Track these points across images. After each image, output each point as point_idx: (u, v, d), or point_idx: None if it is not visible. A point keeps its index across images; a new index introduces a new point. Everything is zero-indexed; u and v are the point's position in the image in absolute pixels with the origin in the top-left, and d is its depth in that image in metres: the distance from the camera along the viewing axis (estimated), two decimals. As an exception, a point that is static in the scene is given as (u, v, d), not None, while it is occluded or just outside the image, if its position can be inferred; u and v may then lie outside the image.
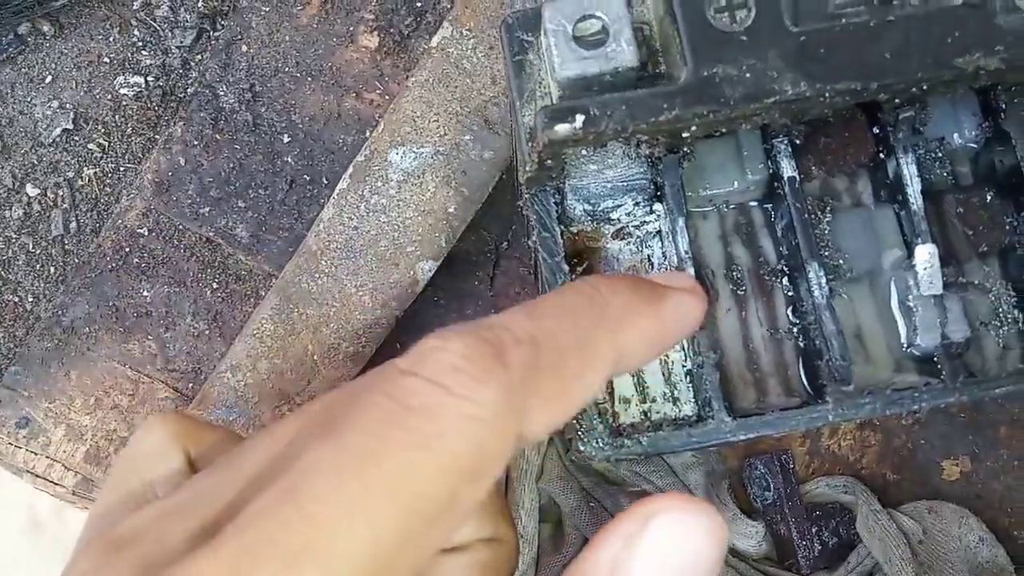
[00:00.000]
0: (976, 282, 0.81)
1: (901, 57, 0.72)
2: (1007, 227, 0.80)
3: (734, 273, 0.83)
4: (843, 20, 0.73)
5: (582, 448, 0.77)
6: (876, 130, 0.81)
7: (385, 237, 1.05)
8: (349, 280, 1.04)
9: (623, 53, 0.72)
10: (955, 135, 0.82)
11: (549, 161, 0.75)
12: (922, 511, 1.03)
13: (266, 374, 1.03)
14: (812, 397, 0.80)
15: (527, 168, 0.77)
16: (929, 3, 0.73)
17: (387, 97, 1.15)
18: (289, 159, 1.12)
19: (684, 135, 0.75)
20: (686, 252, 0.78)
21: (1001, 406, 1.09)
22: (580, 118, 0.72)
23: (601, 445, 0.77)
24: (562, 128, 0.72)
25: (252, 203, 1.11)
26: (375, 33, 1.16)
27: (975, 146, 0.83)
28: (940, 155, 0.83)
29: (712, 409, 0.77)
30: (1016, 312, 0.81)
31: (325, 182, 1.10)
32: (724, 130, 0.75)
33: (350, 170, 1.05)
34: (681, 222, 0.78)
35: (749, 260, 0.84)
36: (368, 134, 1.14)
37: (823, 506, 1.07)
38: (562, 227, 0.82)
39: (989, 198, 0.81)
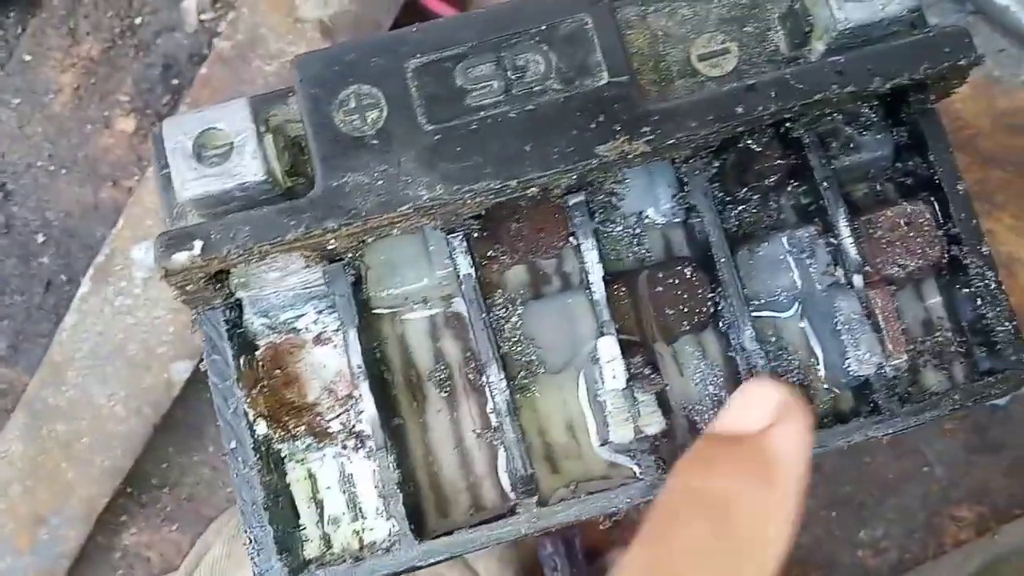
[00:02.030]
0: (672, 368, 0.76)
1: (543, 149, 0.67)
2: (708, 302, 0.75)
3: (439, 374, 0.78)
4: (481, 113, 0.68)
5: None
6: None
7: (134, 340, 1.00)
8: (99, 390, 0.99)
9: (247, 168, 0.67)
10: (651, 210, 0.77)
11: (189, 287, 0.70)
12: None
13: (19, 498, 0.98)
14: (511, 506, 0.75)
15: (173, 294, 0.72)
16: (573, 86, 0.68)
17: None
18: (45, 259, 1.08)
19: (330, 247, 0.70)
20: (359, 367, 0.73)
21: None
22: (198, 244, 0.67)
23: (280, 583, 0.72)
24: (180, 257, 0.67)
25: (7, 311, 1.06)
26: (131, 116, 1.11)
27: (676, 219, 0.78)
28: (638, 231, 0.78)
29: (400, 534, 0.72)
30: (723, 393, 0.76)
31: (68, 276, 1.05)
32: (374, 237, 0.70)
33: (91, 272, 1.00)
34: (352, 334, 0.73)
35: (459, 356, 0.79)
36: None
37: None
38: (249, 342, 0.77)
39: (688, 273, 0.75)
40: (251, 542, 0.72)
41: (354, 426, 0.78)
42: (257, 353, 0.78)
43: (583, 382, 0.75)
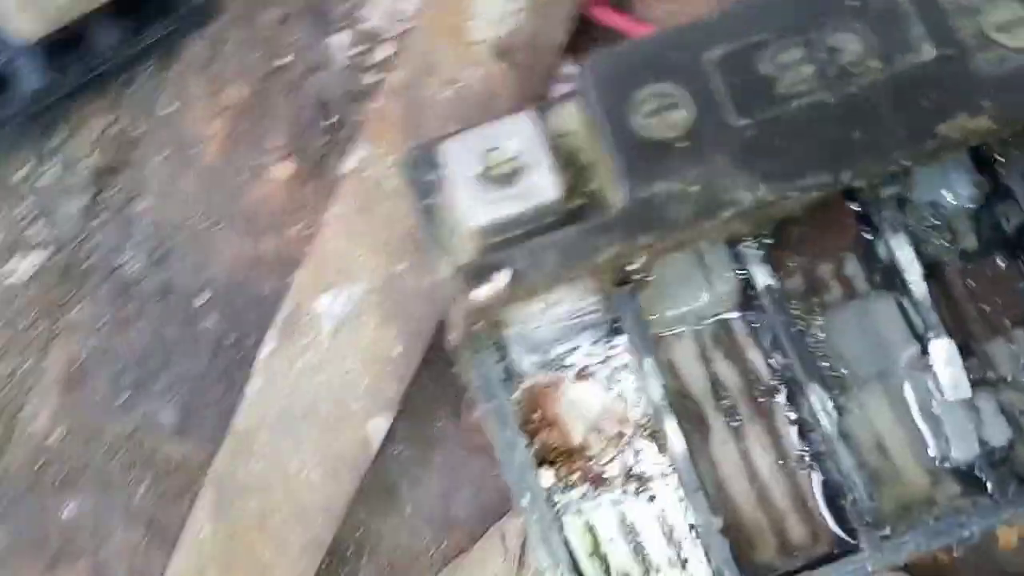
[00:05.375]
0: (1006, 369, 0.68)
1: (873, 135, 0.59)
2: (1026, 294, 0.68)
3: (724, 400, 0.70)
4: (795, 102, 0.60)
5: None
6: (857, 207, 0.69)
7: (325, 399, 0.92)
8: (291, 458, 0.91)
9: (543, 187, 0.60)
10: (948, 196, 0.70)
11: (479, 324, 0.63)
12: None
13: (215, 581, 0.90)
14: (842, 539, 0.66)
15: (453, 335, 0.64)
16: (894, 63, 0.61)
17: (312, 229, 1.03)
18: (209, 322, 1.00)
19: (631, 267, 0.63)
20: (663, 401, 0.65)
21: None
22: (505, 275, 0.59)
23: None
24: (485, 291, 0.59)
25: (175, 380, 0.99)
26: (288, 160, 1.04)
27: (973, 206, 0.70)
28: (935, 222, 0.70)
29: (726, 583, 0.64)
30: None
31: (254, 340, 0.97)
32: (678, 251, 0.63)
33: (274, 329, 0.93)
34: (649, 363, 0.65)
35: (738, 379, 0.71)
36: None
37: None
38: (512, 383, 0.70)
39: (1001, 264, 0.68)
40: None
41: (631, 468, 0.71)
42: (513, 396, 0.70)
43: (911, 394, 0.67)
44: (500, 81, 0.95)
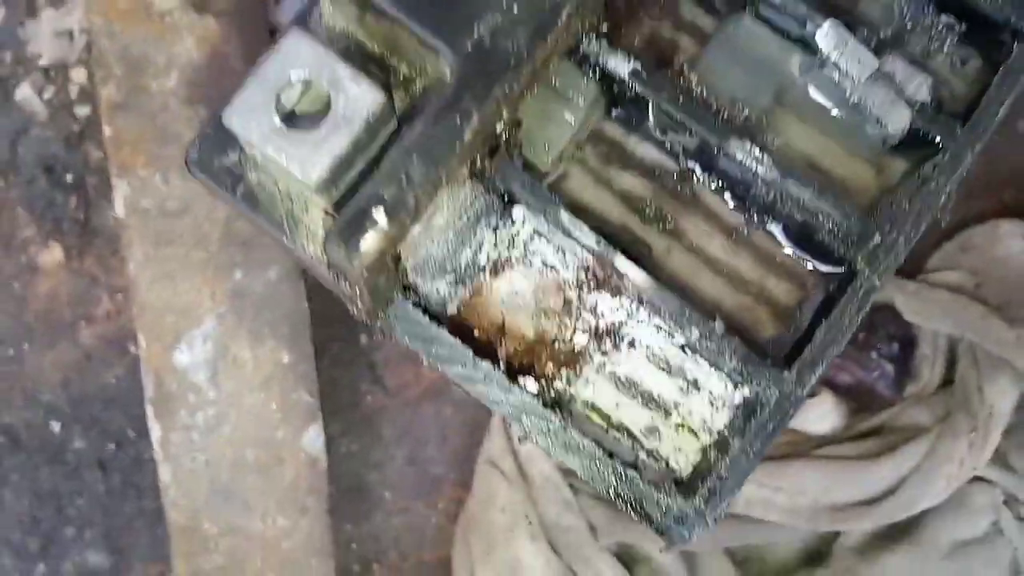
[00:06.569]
0: (888, 21, 0.63)
1: None
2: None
3: (646, 210, 0.64)
4: None
5: (672, 543, 0.57)
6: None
7: (247, 446, 0.82)
8: (248, 521, 0.82)
9: (360, 98, 0.49)
10: None
11: (382, 280, 0.53)
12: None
13: None
14: (832, 273, 0.62)
15: (361, 305, 0.54)
16: None
17: (120, 295, 0.90)
18: (78, 444, 0.87)
19: (498, 129, 0.54)
20: (597, 242, 0.57)
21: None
22: (379, 212, 0.49)
23: (687, 518, 0.57)
24: (368, 241, 0.49)
25: (81, 520, 0.86)
26: (51, 243, 0.89)
27: None
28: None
29: (759, 375, 0.58)
30: (943, 18, 0.63)
31: (135, 434, 0.85)
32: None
33: (150, 410, 0.81)
34: (563, 215, 0.58)
35: (646, 183, 0.64)
36: (132, 348, 0.88)
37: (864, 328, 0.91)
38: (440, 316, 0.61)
39: None
40: (628, 502, 0.58)
41: (597, 327, 0.64)
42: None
43: (820, 96, 0.61)
44: (220, 38, 0.82)
